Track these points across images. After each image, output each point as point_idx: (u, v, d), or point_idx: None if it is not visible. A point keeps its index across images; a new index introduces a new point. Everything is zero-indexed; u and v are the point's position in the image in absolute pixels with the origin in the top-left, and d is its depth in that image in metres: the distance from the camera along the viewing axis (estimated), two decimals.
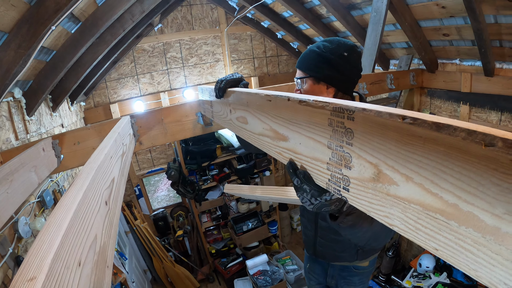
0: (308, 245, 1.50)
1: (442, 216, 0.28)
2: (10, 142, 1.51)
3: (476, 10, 1.63)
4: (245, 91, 0.81)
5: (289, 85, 1.79)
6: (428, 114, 0.31)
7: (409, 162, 0.31)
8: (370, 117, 0.35)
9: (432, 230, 0.29)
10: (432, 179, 0.29)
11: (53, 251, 0.30)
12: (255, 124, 0.74)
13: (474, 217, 0.25)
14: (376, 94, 2.50)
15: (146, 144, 1.50)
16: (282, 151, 0.62)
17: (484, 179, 0.24)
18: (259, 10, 3.18)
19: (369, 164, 0.37)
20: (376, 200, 0.37)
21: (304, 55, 1.05)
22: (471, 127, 0.25)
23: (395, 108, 0.35)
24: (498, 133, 0.23)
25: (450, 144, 0.26)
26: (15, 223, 1.37)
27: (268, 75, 4.19)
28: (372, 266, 1.44)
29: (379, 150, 0.35)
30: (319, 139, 0.48)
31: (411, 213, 0.32)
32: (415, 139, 0.30)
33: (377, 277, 3.15)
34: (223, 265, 3.74)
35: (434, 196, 0.29)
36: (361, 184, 0.40)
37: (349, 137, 0.40)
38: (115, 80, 3.47)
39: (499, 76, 2.02)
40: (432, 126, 0.28)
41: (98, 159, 0.60)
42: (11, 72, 1.19)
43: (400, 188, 0.33)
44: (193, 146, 3.64)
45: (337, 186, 0.46)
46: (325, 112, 0.44)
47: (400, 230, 0.34)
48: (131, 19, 2.06)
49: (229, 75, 1.01)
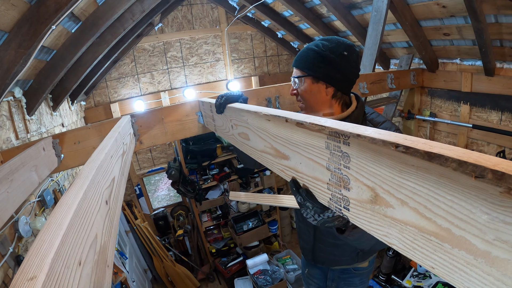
0: (306, 251, 1.46)
1: (437, 239, 0.29)
2: (11, 141, 1.51)
3: (476, 10, 1.63)
4: (245, 108, 0.78)
5: (290, 84, 1.79)
6: (422, 140, 0.31)
7: (403, 188, 0.32)
8: (364, 143, 0.36)
9: (428, 250, 0.31)
10: (426, 205, 0.30)
11: (53, 250, 0.30)
12: (257, 141, 0.74)
13: (466, 241, 0.26)
14: (376, 94, 2.50)
15: (146, 144, 1.50)
16: (284, 169, 0.62)
17: (475, 208, 0.25)
18: (260, 10, 3.17)
19: (366, 187, 0.39)
20: (375, 220, 0.38)
21: (302, 53, 1.03)
22: (463, 157, 0.25)
23: (392, 132, 0.36)
24: (488, 164, 0.23)
25: (441, 174, 0.27)
26: (15, 222, 1.37)
27: (268, 75, 4.19)
28: (371, 265, 1.43)
29: (375, 175, 0.36)
30: (318, 161, 0.48)
31: (408, 234, 0.33)
32: (408, 167, 0.31)
33: (377, 276, 3.15)
34: (223, 265, 3.74)
35: (428, 220, 0.30)
36: (360, 205, 0.41)
37: (346, 161, 0.41)
38: (116, 80, 3.47)
39: (500, 76, 2.02)
40: (424, 155, 0.28)
41: (98, 159, 0.60)
42: (11, 71, 1.19)
43: (396, 211, 0.34)
44: (194, 146, 3.64)
45: (338, 205, 0.47)
46: (322, 135, 0.45)
47: (398, 248, 0.36)
48: (131, 19, 2.06)
49: (229, 92, 1.00)
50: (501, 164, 0.23)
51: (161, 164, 4.03)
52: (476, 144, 2.34)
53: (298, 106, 1.12)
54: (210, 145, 3.68)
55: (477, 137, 2.31)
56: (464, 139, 2.40)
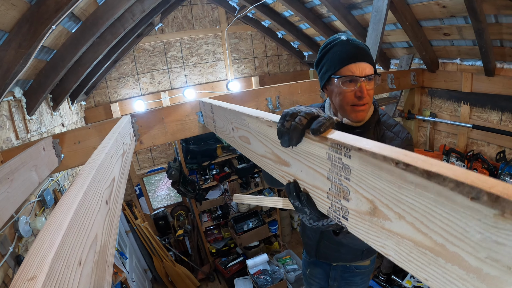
0: (310, 248, 1.46)
1: (431, 253, 0.30)
2: (11, 141, 1.51)
3: (477, 10, 1.63)
4: (246, 113, 0.77)
5: (290, 84, 1.79)
6: (421, 158, 0.32)
7: (401, 203, 0.33)
8: (365, 157, 0.37)
9: (423, 263, 0.32)
10: (422, 221, 0.31)
11: (53, 250, 0.30)
12: (258, 145, 0.73)
13: (459, 257, 0.27)
14: (376, 94, 2.50)
15: (146, 144, 1.50)
16: (285, 175, 0.63)
17: (469, 227, 0.26)
18: (260, 10, 3.17)
19: (365, 199, 0.39)
20: (373, 231, 0.39)
21: (365, 49, 0.96)
22: (460, 177, 0.26)
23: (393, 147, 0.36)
24: (484, 186, 0.24)
25: (439, 192, 0.28)
26: (15, 222, 1.37)
27: (268, 75, 4.19)
28: (372, 264, 1.44)
29: (375, 189, 0.37)
30: (319, 170, 0.49)
31: (404, 246, 0.34)
32: (407, 183, 0.32)
33: (378, 276, 3.15)
34: (223, 265, 3.74)
35: (424, 235, 0.31)
36: (359, 216, 0.42)
37: (346, 173, 0.42)
38: (116, 80, 3.47)
39: (500, 76, 2.02)
40: (423, 173, 0.29)
41: (98, 159, 0.60)
42: (11, 71, 1.19)
43: (394, 224, 0.35)
44: (194, 146, 3.64)
45: (337, 215, 0.48)
46: (323, 146, 0.45)
47: (394, 259, 0.36)
48: (131, 19, 2.06)
49: (303, 108, 0.98)
50: (497, 186, 0.24)
51: (161, 164, 4.03)
52: (476, 144, 2.34)
53: (356, 103, 0.97)
54: (210, 145, 3.68)
55: (477, 137, 2.31)
56: (464, 139, 2.40)
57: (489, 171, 2.11)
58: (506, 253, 0.23)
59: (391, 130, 1.06)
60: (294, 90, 1.79)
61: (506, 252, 0.23)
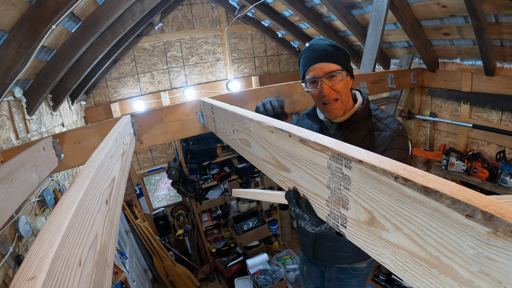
0: (306, 247, 1.46)
1: (426, 264, 0.32)
2: (11, 141, 1.51)
3: (477, 10, 1.63)
4: (248, 116, 0.76)
5: (290, 84, 1.79)
6: (420, 173, 0.33)
7: (399, 215, 0.34)
8: (365, 170, 0.38)
9: (417, 273, 0.33)
10: (418, 233, 0.32)
11: (53, 250, 0.30)
12: (258, 149, 0.73)
13: (452, 269, 0.28)
14: (376, 93, 2.50)
15: (146, 143, 1.50)
16: (285, 180, 0.63)
17: (463, 242, 0.27)
18: (260, 9, 3.17)
19: (364, 209, 0.40)
20: (370, 240, 0.40)
21: (326, 48, 1.02)
22: (457, 195, 0.27)
23: (393, 160, 0.37)
24: (479, 204, 0.25)
25: (435, 208, 0.29)
26: (15, 222, 1.37)
27: (268, 74, 4.19)
28: (369, 267, 1.43)
29: (373, 200, 0.38)
30: (319, 178, 0.49)
31: (400, 256, 0.35)
32: (405, 197, 0.32)
33: (378, 276, 3.15)
34: (223, 264, 3.74)
35: (419, 247, 0.32)
36: (357, 224, 0.43)
37: (346, 183, 0.43)
38: (116, 79, 3.47)
39: (500, 76, 2.02)
40: (421, 189, 0.30)
41: (98, 158, 0.60)
42: (11, 71, 1.19)
43: (391, 234, 0.36)
44: (194, 145, 3.64)
45: (336, 222, 0.48)
46: (324, 155, 0.46)
47: (390, 268, 0.38)
48: (131, 18, 2.06)
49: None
50: (491, 205, 0.25)
51: (161, 164, 4.03)
52: (476, 144, 2.34)
53: (324, 102, 1.05)
54: (210, 145, 3.67)
55: (477, 137, 2.31)
56: (464, 139, 2.40)
57: (489, 171, 2.11)
58: (497, 269, 0.24)
59: (382, 122, 1.09)
60: (294, 90, 1.79)
61: (497, 267, 0.24)
